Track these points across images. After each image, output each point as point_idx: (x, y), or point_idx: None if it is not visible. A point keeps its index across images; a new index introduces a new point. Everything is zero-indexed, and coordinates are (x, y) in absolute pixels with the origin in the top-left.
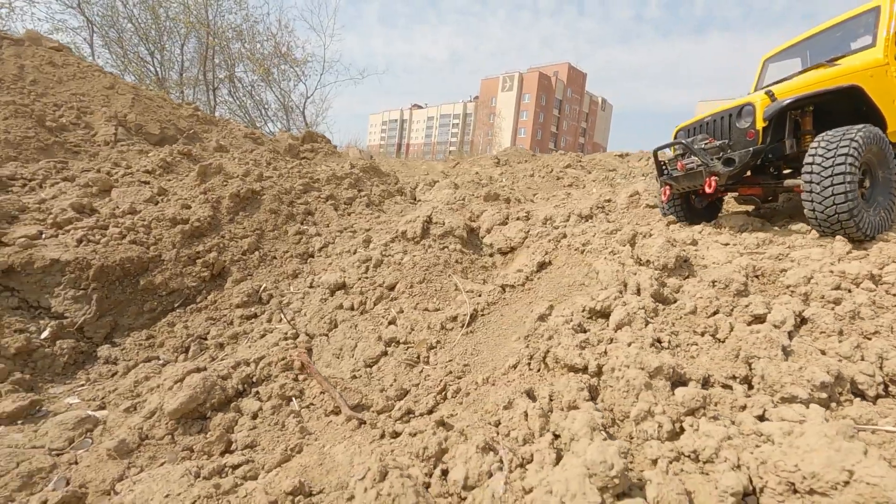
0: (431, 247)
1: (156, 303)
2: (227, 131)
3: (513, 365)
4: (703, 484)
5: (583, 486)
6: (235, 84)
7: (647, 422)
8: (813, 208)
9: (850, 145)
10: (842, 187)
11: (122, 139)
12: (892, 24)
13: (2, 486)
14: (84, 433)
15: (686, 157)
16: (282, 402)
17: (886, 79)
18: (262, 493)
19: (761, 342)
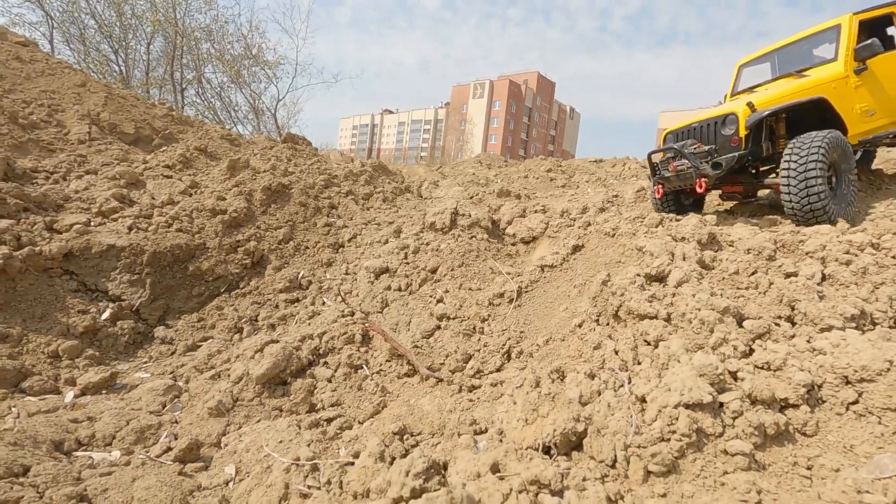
0: (461, 236)
1: (203, 288)
2: (203, 132)
3: (578, 324)
4: (778, 382)
5: (696, 381)
6: (204, 85)
7: (723, 346)
8: (791, 203)
9: (819, 149)
10: (814, 185)
11: (97, 138)
12: (850, 41)
13: (119, 439)
14: (173, 398)
15: (676, 160)
16: (350, 369)
17: (847, 89)
18: (370, 434)
19: (800, 289)
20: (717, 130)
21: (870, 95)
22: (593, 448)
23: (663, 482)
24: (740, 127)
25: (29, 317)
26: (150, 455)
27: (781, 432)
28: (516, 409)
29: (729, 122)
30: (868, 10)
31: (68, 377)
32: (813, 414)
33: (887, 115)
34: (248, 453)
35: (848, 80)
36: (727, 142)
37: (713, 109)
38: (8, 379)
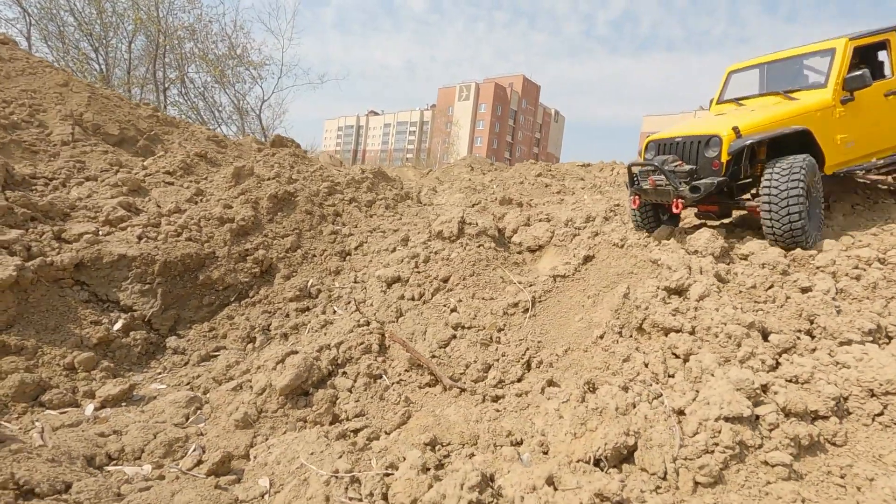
0: (469, 245)
1: (213, 297)
2: (188, 133)
3: (600, 335)
4: (808, 395)
5: (734, 395)
6: (187, 85)
7: (751, 360)
8: (772, 225)
9: (800, 173)
10: (796, 207)
11: (80, 139)
12: (842, 69)
13: (148, 453)
14: (195, 410)
15: (656, 174)
16: (370, 379)
17: (831, 119)
18: (403, 444)
19: (818, 304)
20: (700, 150)
21: (851, 127)
22: (645, 461)
23: (711, 493)
24: (723, 151)
25: (42, 328)
26: (182, 468)
27: (814, 443)
28: (564, 422)
29: (712, 144)
30: (864, 36)
31: (87, 390)
32: (841, 425)
33: (865, 147)
34: (279, 465)
35: (833, 110)
36: (708, 164)
37: (698, 124)
38: (27, 393)
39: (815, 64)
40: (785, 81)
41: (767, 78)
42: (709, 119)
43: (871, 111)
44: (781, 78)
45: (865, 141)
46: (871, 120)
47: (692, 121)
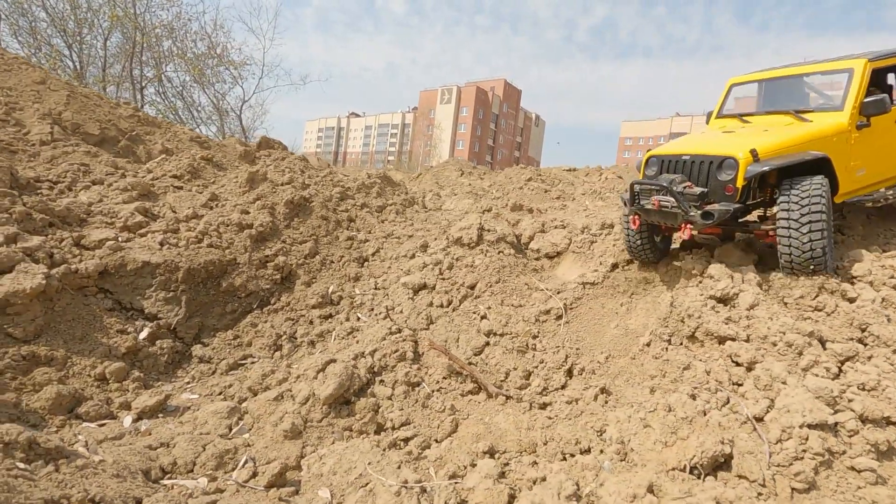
0: (489, 252)
1: (236, 304)
2: (171, 133)
3: (646, 343)
4: (878, 402)
5: (815, 404)
6: (164, 84)
7: (815, 368)
8: (790, 252)
9: (819, 199)
10: (818, 234)
11: (60, 139)
12: (861, 92)
13: (200, 465)
14: (237, 421)
15: (661, 194)
16: (408, 387)
17: (846, 145)
18: (458, 453)
19: (869, 313)
20: (711, 172)
21: (863, 154)
22: (743, 468)
23: (808, 498)
24: (739, 176)
25: (70, 338)
26: (238, 480)
27: (891, 448)
28: (652, 431)
29: (727, 166)
30: (884, 58)
31: (122, 401)
32: None
33: (874, 175)
34: (335, 476)
35: (850, 135)
36: (721, 188)
37: (707, 142)
38: (64, 405)
39: (821, 83)
40: (790, 99)
41: (771, 94)
42: (718, 137)
43: (884, 138)
44: (786, 95)
45: (875, 169)
46: (882, 147)
47: (699, 137)
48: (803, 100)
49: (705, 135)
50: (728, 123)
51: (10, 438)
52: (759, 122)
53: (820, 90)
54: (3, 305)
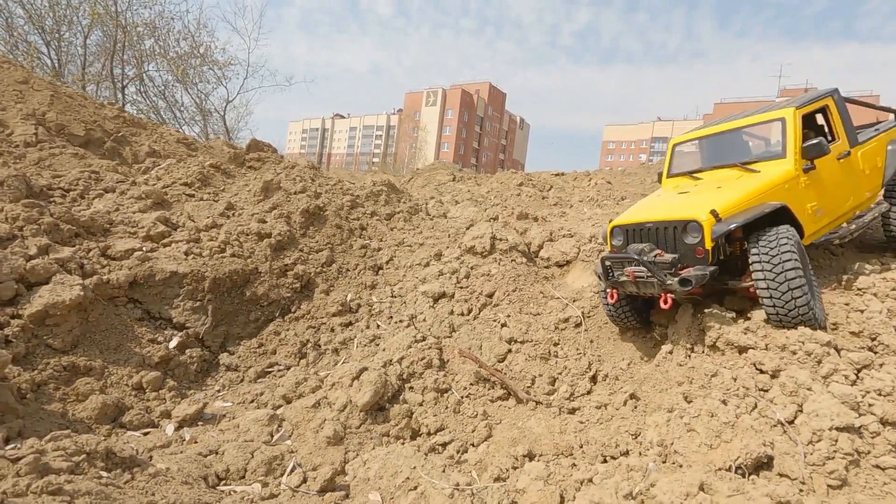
0: (502, 260)
1: (259, 313)
2: (157, 135)
3: (668, 351)
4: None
5: (841, 408)
6: (146, 83)
7: (834, 375)
8: (773, 305)
9: (788, 245)
10: (796, 282)
11: (44, 140)
12: (798, 139)
13: (251, 471)
14: (277, 428)
15: (634, 265)
16: (437, 393)
17: (798, 189)
18: (497, 456)
19: (878, 323)
20: (678, 237)
21: (816, 195)
22: (784, 468)
23: (842, 494)
24: (706, 238)
25: (105, 348)
26: (290, 486)
27: None
28: (697, 435)
29: (691, 229)
30: (808, 104)
31: (162, 410)
32: None
33: (832, 212)
34: (382, 480)
35: (798, 180)
36: (691, 251)
37: (667, 207)
38: (108, 414)
39: (758, 131)
40: (734, 151)
41: (713, 149)
42: (676, 200)
43: (831, 175)
44: (728, 150)
45: (831, 206)
46: (832, 185)
47: (657, 202)
48: (746, 150)
49: (662, 198)
50: (680, 183)
51: (91, 448)
52: (709, 178)
53: (760, 137)
54: (43, 317)
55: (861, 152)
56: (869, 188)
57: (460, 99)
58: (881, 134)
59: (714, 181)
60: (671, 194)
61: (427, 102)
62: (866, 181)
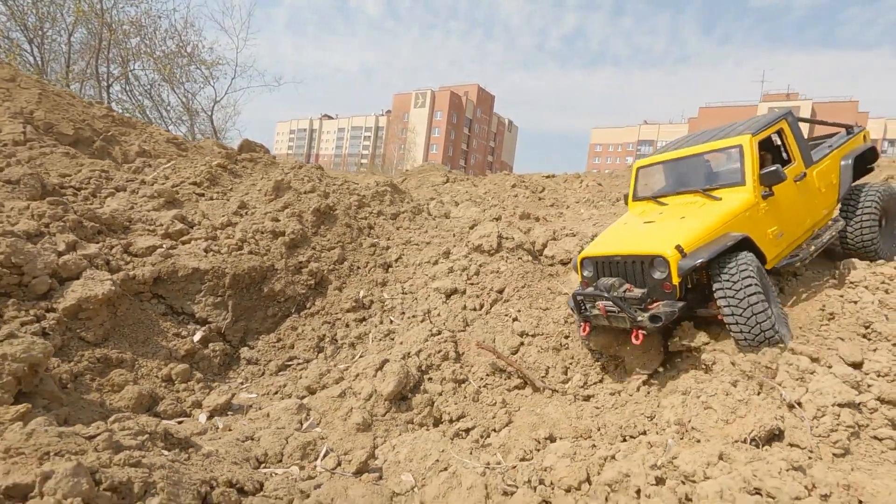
0: (509, 258)
1: (276, 308)
2: (147, 135)
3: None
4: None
5: (843, 387)
6: (132, 82)
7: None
8: (740, 330)
9: (748, 270)
10: (759, 307)
11: (33, 139)
12: (755, 166)
13: (287, 455)
14: (306, 417)
15: (604, 300)
16: (455, 384)
17: (759, 216)
18: (520, 439)
19: (871, 313)
20: (645, 271)
21: (776, 219)
22: (794, 439)
23: (845, 461)
24: (673, 274)
25: (134, 341)
26: (326, 468)
27: None
28: (714, 413)
29: (658, 264)
30: (763, 129)
31: (193, 400)
32: None
33: (792, 234)
34: (412, 462)
35: (758, 207)
36: (659, 286)
37: (634, 240)
38: (143, 404)
39: (721, 166)
40: (696, 177)
41: (677, 173)
42: (642, 232)
43: (789, 199)
44: (690, 174)
45: (791, 228)
46: (790, 207)
47: (624, 233)
48: (708, 177)
49: (629, 227)
50: (646, 209)
51: (151, 429)
52: (673, 205)
53: (720, 163)
54: (76, 311)
55: (816, 171)
56: (825, 206)
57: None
58: (834, 150)
59: (678, 209)
60: (637, 223)
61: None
62: (822, 199)
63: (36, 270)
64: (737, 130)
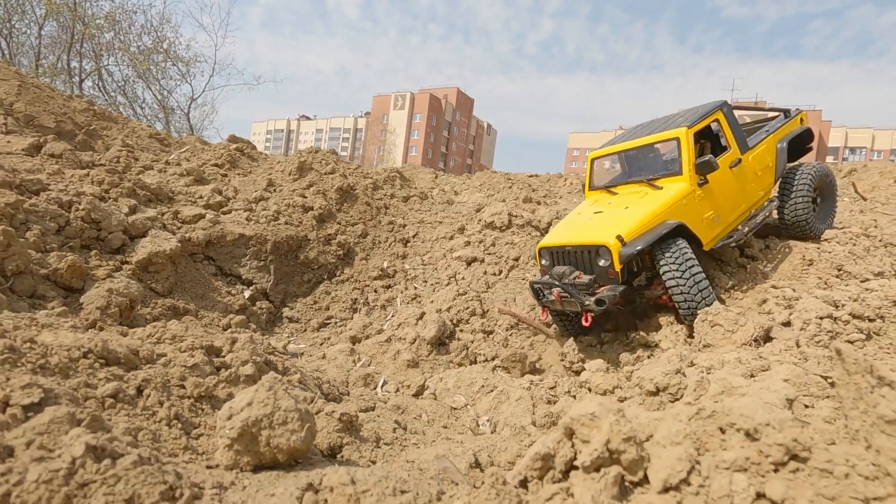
0: (519, 233)
1: (311, 275)
2: (129, 129)
3: None
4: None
5: (823, 305)
6: (105, 77)
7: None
8: (688, 307)
9: (688, 253)
10: (704, 283)
11: (14, 131)
12: (691, 156)
13: (352, 384)
14: (358, 358)
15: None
16: (485, 334)
17: (695, 203)
18: (556, 366)
19: (842, 258)
20: (593, 259)
21: (712, 204)
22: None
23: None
24: (615, 261)
25: (194, 296)
26: (388, 391)
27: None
28: (721, 327)
29: (602, 253)
30: (699, 121)
31: None
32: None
33: (728, 217)
34: (461, 388)
35: (694, 194)
36: (604, 273)
37: (584, 230)
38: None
39: (666, 155)
40: (643, 168)
41: (627, 163)
42: (591, 222)
43: (724, 184)
44: (640, 163)
45: (727, 211)
46: (725, 192)
47: (576, 223)
48: (653, 167)
49: (581, 217)
50: (599, 199)
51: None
52: (622, 194)
53: (663, 153)
54: (146, 264)
55: (752, 156)
56: (762, 187)
57: (429, 103)
58: (770, 135)
59: (624, 199)
60: (588, 214)
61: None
62: (759, 182)
63: (111, 227)
64: (675, 122)
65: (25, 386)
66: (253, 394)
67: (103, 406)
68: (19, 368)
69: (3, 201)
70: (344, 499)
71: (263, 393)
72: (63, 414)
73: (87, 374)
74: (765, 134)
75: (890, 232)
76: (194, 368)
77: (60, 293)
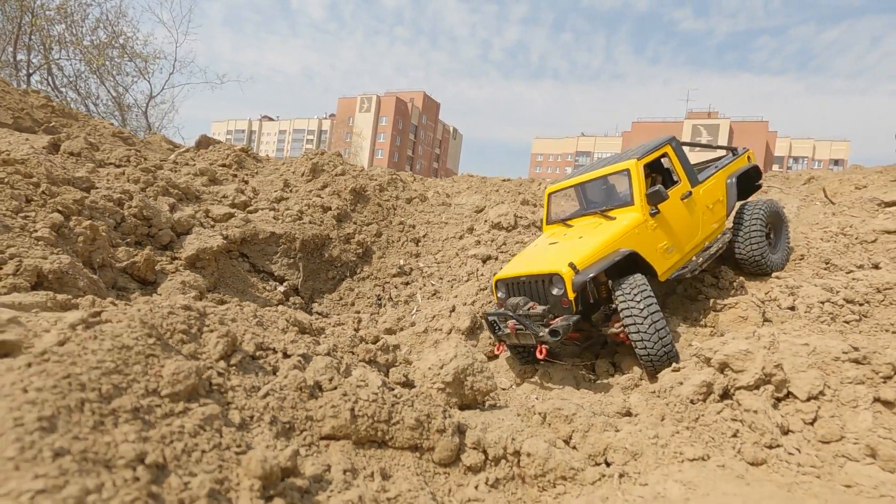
0: (526, 233)
1: (334, 272)
2: (90, 127)
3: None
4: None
5: (822, 291)
6: (54, 72)
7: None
8: (645, 347)
9: (647, 290)
10: (661, 324)
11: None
12: (642, 187)
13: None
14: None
15: (511, 319)
16: None
17: (647, 233)
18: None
19: (829, 252)
20: (546, 289)
21: (665, 234)
22: (803, 316)
23: (829, 329)
24: (568, 290)
25: (235, 291)
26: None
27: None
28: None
29: (556, 281)
30: (648, 154)
31: None
32: (869, 306)
33: (682, 248)
34: (500, 372)
35: (646, 224)
36: (558, 302)
37: (537, 260)
38: None
39: (620, 187)
40: (596, 199)
41: (584, 194)
42: (545, 253)
43: (676, 216)
44: (595, 196)
45: (681, 242)
46: (678, 223)
47: (532, 255)
48: (607, 199)
49: (537, 249)
50: (556, 231)
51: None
52: (578, 227)
53: (615, 186)
54: (194, 260)
55: (703, 189)
56: (715, 220)
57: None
58: (720, 171)
59: (579, 230)
60: (544, 245)
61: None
62: (711, 215)
63: (161, 223)
64: (627, 156)
65: (292, 342)
66: (454, 349)
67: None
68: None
69: (70, 198)
70: (560, 420)
71: (463, 348)
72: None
73: (296, 338)
74: (714, 169)
75: (863, 231)
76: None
77: (137, 285)
